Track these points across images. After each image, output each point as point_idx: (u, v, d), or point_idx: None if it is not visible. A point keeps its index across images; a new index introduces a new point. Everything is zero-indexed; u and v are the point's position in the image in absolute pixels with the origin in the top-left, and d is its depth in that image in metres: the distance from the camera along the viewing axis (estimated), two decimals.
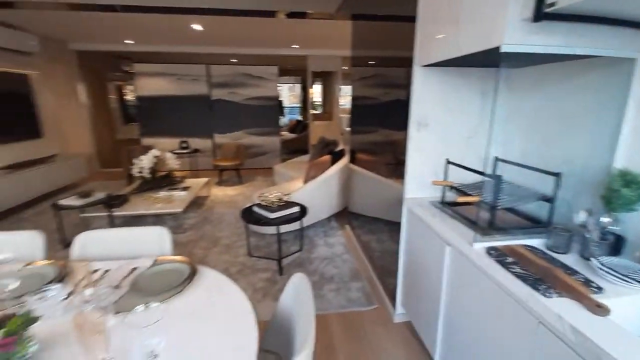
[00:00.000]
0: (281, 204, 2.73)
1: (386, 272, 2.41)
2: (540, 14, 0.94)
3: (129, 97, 7.42)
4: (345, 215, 3.68)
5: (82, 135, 6.08)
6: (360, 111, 3.63)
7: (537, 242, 1.28)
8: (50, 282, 1.17)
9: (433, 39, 1.55)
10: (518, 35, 1.03)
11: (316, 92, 8.71)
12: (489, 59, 1.45)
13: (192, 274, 1.31)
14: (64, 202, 3.19)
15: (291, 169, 4.51)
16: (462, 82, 1.77)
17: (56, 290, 1.08)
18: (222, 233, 3.41)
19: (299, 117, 9.22)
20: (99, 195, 3.35)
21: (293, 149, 7.33)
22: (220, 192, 4.89)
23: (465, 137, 1.85)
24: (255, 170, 6.27)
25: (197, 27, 4.49)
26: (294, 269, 2.66)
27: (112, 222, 3.28)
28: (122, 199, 3.49)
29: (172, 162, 4.18)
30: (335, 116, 7.18)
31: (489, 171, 1.70)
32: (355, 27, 3.32)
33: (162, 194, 3.73)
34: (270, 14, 3.81)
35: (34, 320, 0.92)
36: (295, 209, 2.76)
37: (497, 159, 1.71)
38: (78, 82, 5.97)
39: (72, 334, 0.86)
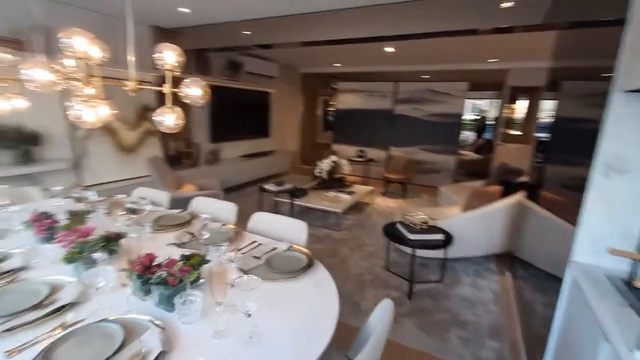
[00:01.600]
0: (424, 227, 2.64)
1: (540, 345, 1.90)
2: None
3: (331, 109, 8.91)
4: (508, 259, 3.07)
5: (293, 137, 7.86)
6: (567, 136, 2.91)
7: None
8: (226, 241, 1.72)
9: None
10: None
11: (519, 109, 7.42)
12: None
13: (308, 266, 1.56)
14: (266, 186, 4.31)
15: (457, 193, 4.16)
16: None
17: (224, 247, 1.58)
18: (370, 240, 3.62)
19: (489, 137, 8.18)
20: (288, 186, 4.30)
21: (473, 171, 6.62)
22: (382, 202, 5.13)
23: None
24: (422, 187, 6.12)
25: (389, 49, 4.87)
26: (425, 298, 2.54)
27: (292, 209, 4.13)
28: (302, 192, 4.33)
29: (346, 168, 4.76)
30: (532, 139, 5.93)
31: None
32: (564, 37, 2.70)
33: (331, 193, 4.35)
34: (471, 32, 3.57)
35: (206, 262, 1.42)
36: (438, 236, 2.59)
37: None
38: (298, 96, 7.74)
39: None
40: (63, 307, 1.17)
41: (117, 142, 3.91)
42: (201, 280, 1.37)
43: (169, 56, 1.21)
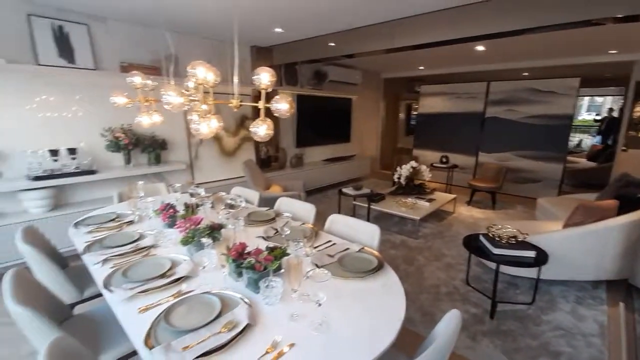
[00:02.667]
0: (512, 241, 2.41)
1: None
2: None
3: (413, 113, 8.65)
4: (624, 288, 2.57)
5: (373, 142, 7.89)
6: None
7: None
8: (304, 238, 1.91)
9: None
10: None
11: None
12: None
13: (378, 268, 1.62)
14: (344, 190, 4.46)
15: (560, 206, 3.63)
16: None
17: (302, 243, 1.76)
18: (449, 252, 3.44)
19: (610, 141, 6.81)
20: (366, 190, 4.37)
21: (586, 181, 5.64)
22: (466, 212, 4.78)
23: None
24: (516, 198, 5.48)
25: (480, 48, 4.54)
26: (510, 320, 2.33)
27: (369, 213, 4.19)
28: (379, 197, 4.35)
29: (426, 174, 4.61)
30: None
31: None
32: None
33: (409, 200, 4.26)
34: (583, 24, 3.09)
35: (286, 254, 1.62)
36: (529, 253, 2.34)
37: None
38: (380, 102, 7.75)
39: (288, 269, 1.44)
40: (179, 278, 1.49)
41: (221, 148, 4.57)
42: (281, 270, 1.57)
43: (264, 77, 1.44)
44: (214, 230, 1.87)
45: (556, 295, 2.63)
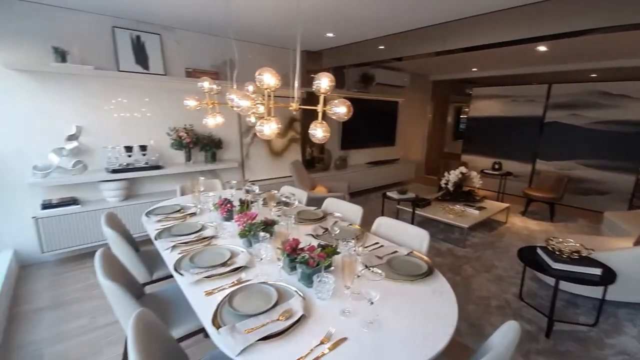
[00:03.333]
0: (574, 257, 2.25)
1: None
2: None
3: (463, 117, 8.28)
4: None
5: (418, 145, 7.69)
6: None
7: None
8: (353, 238, 1.95)
9: None
10: None
11: None
12: None
13: (428, 273, 1.62)
14: (389, 193, 4.43)
15: (630, 222, 3.28)
16: None
17: (352, 243, 1.81)
18: (500, 263, 3.27)
19: None
20: (411, 194, 4.31)
21: None
22: (520, 223, 4.49)
23: None
24: (579, 211, 5.01)
25: (542, 48, 4.25)
26: (568, 340, 2.17)
27: (413, 218, 4.12)
28: (425, 202, 4.26)
29: (476, 181, 4.41)
30: None
31: None
32: None
33: (457, 207, 4.11)
34: None
35: (337, 253, 1.68)
36: (594, 271, 2.16)
37: None
38: (427, 104, 7.54)
39: (339, 266, 1.50)
40: (238, 268, 1.62)
41: (270, 148, 4.78)
42: (332, 268, 1.63)
43: (324, 82, 1.51)
44: (268, 226, 1.99)
45: (623, 318, 2.39)
